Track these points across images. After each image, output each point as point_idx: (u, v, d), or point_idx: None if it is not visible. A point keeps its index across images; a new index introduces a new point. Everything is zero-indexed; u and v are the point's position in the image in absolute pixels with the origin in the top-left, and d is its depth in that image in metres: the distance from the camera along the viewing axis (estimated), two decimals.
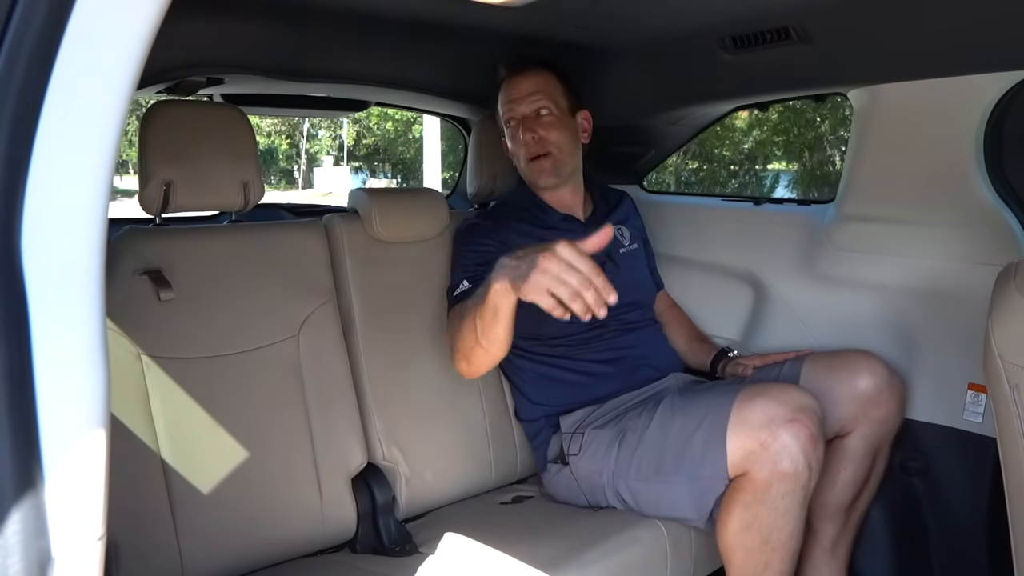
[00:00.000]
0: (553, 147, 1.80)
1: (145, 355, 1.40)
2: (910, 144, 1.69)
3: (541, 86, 1.82)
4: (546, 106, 1.80)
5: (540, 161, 1.80)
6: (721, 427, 1.42)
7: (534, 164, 1.81)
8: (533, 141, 1.79)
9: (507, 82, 1.85)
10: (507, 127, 1.85)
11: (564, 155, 1.82)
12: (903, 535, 1.78)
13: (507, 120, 1.84)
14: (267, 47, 1.76)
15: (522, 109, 1.81)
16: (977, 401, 1.65)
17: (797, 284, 1.96)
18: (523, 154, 1.82)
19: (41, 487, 0.52)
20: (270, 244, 1.63)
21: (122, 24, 0.57)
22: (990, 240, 1.60)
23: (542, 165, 1.80)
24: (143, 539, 1.33)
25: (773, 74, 1.82)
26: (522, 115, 1.81)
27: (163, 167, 1.45)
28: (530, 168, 1.82)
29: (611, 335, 1.79)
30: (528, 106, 1.80)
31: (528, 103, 1.80)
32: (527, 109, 1.80)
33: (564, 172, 1.83)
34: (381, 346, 1.73)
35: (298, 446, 1.55)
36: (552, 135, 1.79)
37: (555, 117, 1.81)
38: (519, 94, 1.81)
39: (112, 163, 0.59)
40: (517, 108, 1.81)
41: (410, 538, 1.60)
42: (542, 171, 1.81)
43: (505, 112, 1.84)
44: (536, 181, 1.84)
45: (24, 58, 0.54)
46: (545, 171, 1.81)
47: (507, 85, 1.84)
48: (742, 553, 1.42)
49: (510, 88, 1.84)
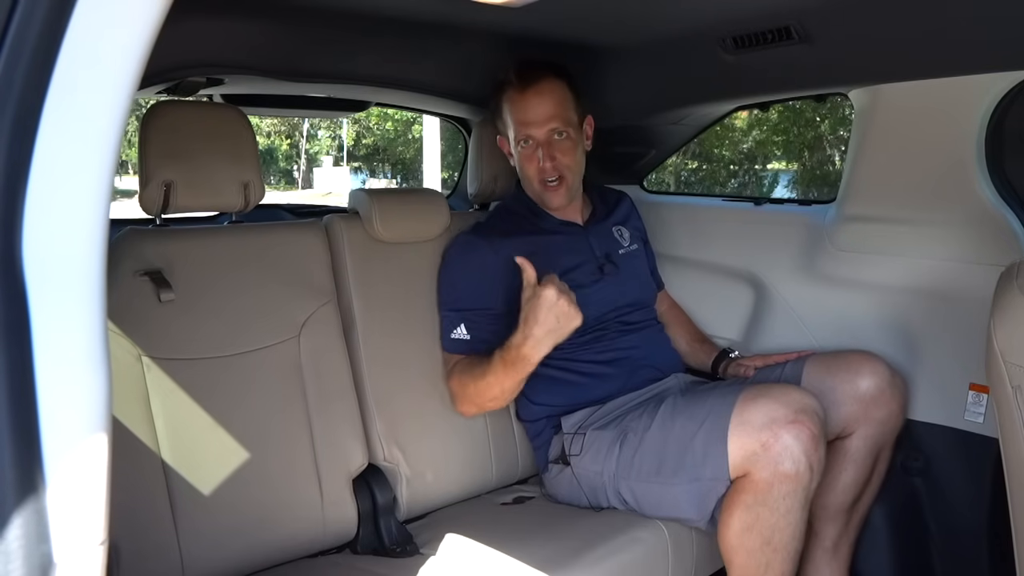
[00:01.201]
0: (567, 171, 1.78)
1: (145, 356, 1.40)
2: (911, 144, 1.69)
3: (557, 108, 1.76)
4: (564, 130, 1.77)
5: (555, 187, 1.79)
6: (722, 428, 1.42)
7: (547, 188, 1.79)
8: (552, 168, 1.77)
9: (520, 95, 1.77)
10: (519, 144, 1.80)
11: (576, 177, 1.82)
12: (904, 536, 1.78)
13: (521, 138, 1.79)
14: (267, 47, 1.76)
15: (540, 135, 1.76)
16: (978, 401, 1.64)
17: (798, 284, 1.95)
18: (536, 176, 1.79)
19: (42, 491, 0.52)
20: (270, 245, 1.62)
21: (123, 24, 0.57)
22: (991, 240, 1.60)
23: (557, 190, 1.79)
24: (144, 540, 1.33)
25: (774, 74, 1.82)
26: (540, 140, 1.77)
27: (163, 168, 1.44)
28: (543, 190, 1.80)
29: (612, 336, 1.79)
30: (546, 132, 1.76)
31: (546, 129, 1.75)
32: (545, 135, 1.76)
33: (572, 193, 1.83)
34: (382, 347, 1.72)
35: (299, 447, 1.55)
36: (567, 159, 1.78)
37: (571, 140, 1.78)
38: (536, 118, 1.76)
39: (113, 164, 0.59)
40: (535, 132, 1.76)
41: (411, 539, 1.59)
42: (556, 195, 1.80)
43: (519, 130, 1.79)
44: (548, 204, 1.82)
45: (25, 58, 0.54)
46: (559, 195, 1.80)
47: (521, 100, 1.77)
48: (743, 554, 1.42)
49: (526, 107, 1.76)
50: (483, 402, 1.67)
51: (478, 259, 1.75)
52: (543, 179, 1.79)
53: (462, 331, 1.70)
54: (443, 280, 1.79)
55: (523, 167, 1.82)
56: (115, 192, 0.60)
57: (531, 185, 1.83)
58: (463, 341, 1.71)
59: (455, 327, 1.72)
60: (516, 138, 1.80)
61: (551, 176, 1.78)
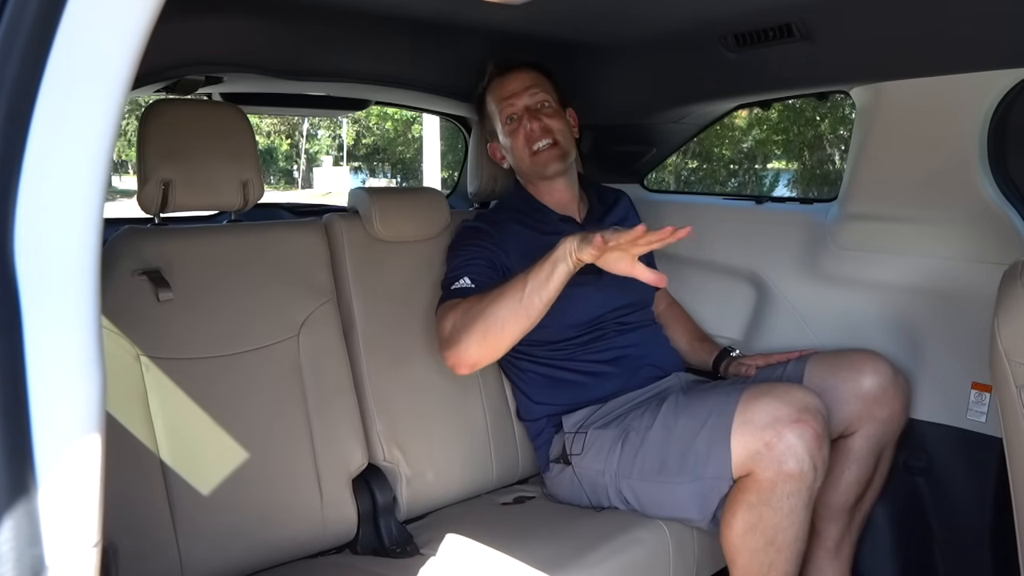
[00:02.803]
0: (558, 135, 1.80)
1: (144, 356, 1.39)
2: (913, 142, 1.69)
3: (536, 80, 1.83)
4: (546, 99, 1.82)
5: (547, 151, 1.79)
6: (725, 427, 1.41)
7: (539, 156, 1.80)
8: (540, 130, 1.79)
9: (500, 80, 1.84)
10: (505, 124, 1.83)
11: (567, 143, 1.82)
12: (907, 535, 1.77)
13: (507, 117, 1.83)
14: (267, 45, 1.75)
15: (523, 101, 1.81)
16: (981, 400, 1.64)
17: (800, 283, 1.95)
18: (526, 146, 1.80)
19: (34, 493, 0.51)
20: (270, 244, 1.62)
21: (117, 18, 0.56)
22: (994, 238, 1.59)
23: (550, 153, 1.80)
24: (142, 541, 1.32)
25: (776, 72, 1.81)
26: (524, 107, 1.80)
27: (162, 166, 1.44)
28: (535, 160, 1.80)
29: (610, 336, 1.78)
30: (529, 98, 1.81)
31: (528, 95, 1.81)
32: (529, 101, 1.81)
33: (568, 160, 1.83)
34: (382, 346, 1.72)
35: (298, 447, 1.54)
36: (555, 123, 1.80)
37: (553, 109, 1.82)
38: (517, 88, 1.81)
39: (108, 161, 0.58)
40: (518, 101, 1.81)
41: (411, 539, 1.59)
42: (550, 159, 1.80)
43: (504, 108, 1.83)
44: (543, 171, 1.81)
45: (17, 53, 0.53)
46: (553, 158, 1.80)
47: (501, 83, 1.84)
48: (746, 554, 1.42)
49: (505, 84, 1.83)
50: (487, 331, 1.50)
51: (481, 236, 1.75)
52: (533, 145, 1.79)
53: (465, 281, 1.64)
54: (448, 260, 1.77)
55: (513, 147, 1.83)
56: (115, 192, 0.60)
57: (524, 162, 1.83)
58: (465, 288, 1.62)
59: (460, 278, 1.64)
60: (502, 121, 1.84)
61: (541, 139, 1.79)
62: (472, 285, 1.62)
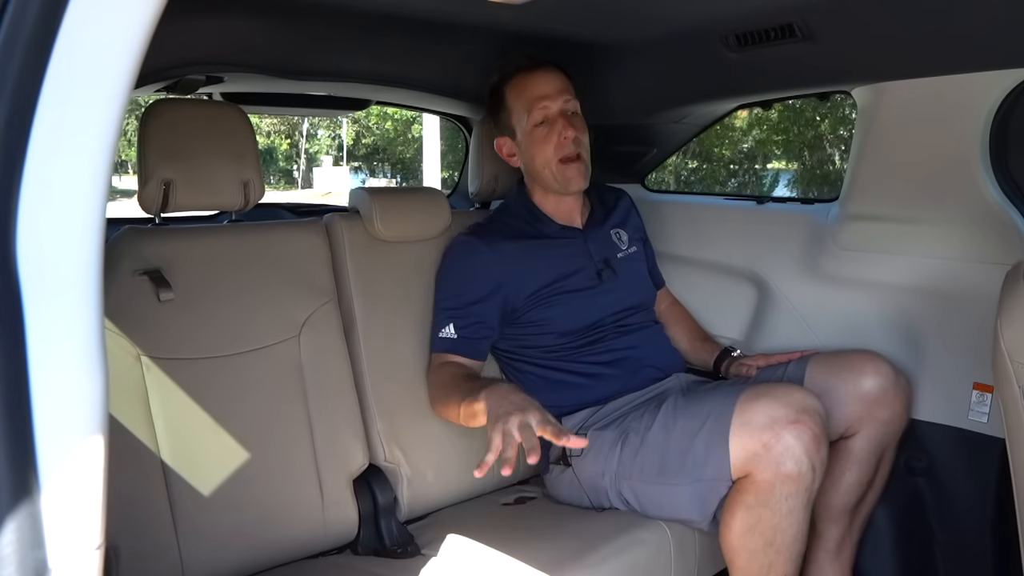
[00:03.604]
0: (584, 150, 1.77)
1: (145, 356, 1.39)
2: (915, 142, 1.68)
3: (568, 87, 1.77)
4: (577, 108, 1.77)
5: (575, 164, 1.75)
6: (724, 428, 1.41)
7: (567, 167, 1.75)
8: (574, 142, 1.73)
9: (527, 76, 1.76)
10: (535, 126, 1.75)
11: (589, 160, 1.79)
12: (908, 536, 1.77)
13: (539, 119, 1.75)
14: (267, 45, 1.75)
15: (558, 106, 1.74)
16: (982, 401, 1.64)
17: (801, 284, 1.94)
18: (555, 152, 1.74)
19: (37, 495, 0.51)
20: (270, 244, 1.61)
21: (119, 20, 0.56)
22: (995, 239, 1.59)
23: (577, 168, 1.75)
24: (143, 541, 1.32)
25: (777, 72, 1.81)
26: (560, 111, 1.74)
27: (162, 166, 1.43)
28: (561, 170, 1.75)
29: (610, 338, 1.78)
30: (564, 104, 1.75)
31: (563, 100, 1.75)
32: (565, 107, 1.75)
33: (588, 176, 1.80)
34: (382, 346, 1.72)
35: (299, 447, 1.54)
36: (584, 138, 1.77)
37: (581, 120, 1.78)
38: (550, 90, 1.74)
39: (110, 162, 0.58)
40: (552, 105, 1.74)
41: (412, 539, 1.59)
42: (577, 175, 1.76)
43: (536, 109, 1.74)
44: (567, 186, 1.77)
45: (19, 55, 0.53)
46: (580, 174, 1.76)
47: (529, 80, 1.76)
48: (746, 555, 1.41)
49: (536, 83, 1.75)
50: (446, 414, 1.63)
51: (475, 260, 1.74)
52: (564, 153, 1.73)
53: (450, 330, 1.69)
54: (439, 282, 1.79)
55: (539, 151, 1.76)
56: (115, 192, 0.60)
57: (549, 168, 1.76)
58: (449, 340, 1.69)
59: (445, 326, 1.70)
60: (531, 120, 1.75)
61: (572, 150, 1.73)
62: (455, 336, 1.69)
